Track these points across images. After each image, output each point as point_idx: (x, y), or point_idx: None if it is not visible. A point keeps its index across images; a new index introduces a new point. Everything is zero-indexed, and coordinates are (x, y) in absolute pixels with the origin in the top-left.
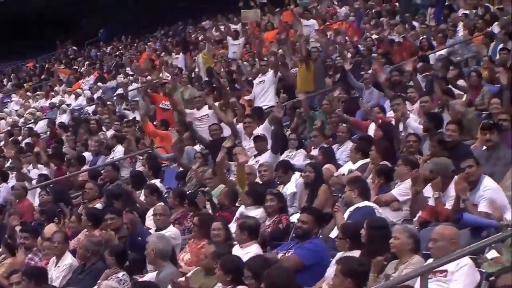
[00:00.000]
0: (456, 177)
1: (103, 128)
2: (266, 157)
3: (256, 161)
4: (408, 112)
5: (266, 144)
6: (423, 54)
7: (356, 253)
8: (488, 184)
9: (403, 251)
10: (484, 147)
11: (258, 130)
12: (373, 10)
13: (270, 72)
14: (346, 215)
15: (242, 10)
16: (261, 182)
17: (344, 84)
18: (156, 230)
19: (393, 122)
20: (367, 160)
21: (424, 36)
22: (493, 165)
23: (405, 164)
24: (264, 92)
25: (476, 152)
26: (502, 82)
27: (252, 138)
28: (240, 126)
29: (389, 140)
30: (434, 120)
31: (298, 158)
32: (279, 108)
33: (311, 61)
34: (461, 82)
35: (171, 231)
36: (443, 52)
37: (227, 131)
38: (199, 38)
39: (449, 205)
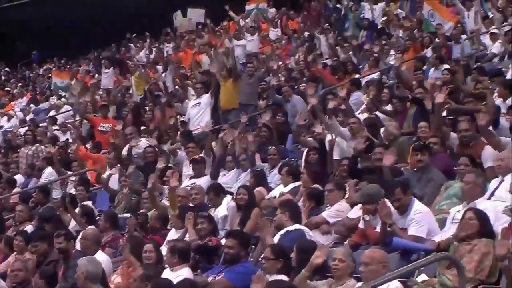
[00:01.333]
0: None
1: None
2: (203, 181)
3: (192, 184)
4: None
5: (204, 167)
6: (354, 78)
7: (284, 277)
8: (418, 208)
9: (344, 274)
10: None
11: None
12: (306, 34)
13: (206, 95)
14: (276, 238)
15: (176, 19)
16: (192, 205)
17: (277, 107)
18: (85, 254)
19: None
20: (299, 183)
21: (350, 61)
22: (423, 186)
23: (336, 188)
24: (200, 115)
25: (407, 174)
26: (427, 106)
27: (190, 160)
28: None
29: (323, 163)
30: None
31: (231, 178)
32: (229, 133)
33: (234, 78)
34: (389, 107)
35: (100, 256)
36: (375, 75)
37: None
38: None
39: (379, 228)
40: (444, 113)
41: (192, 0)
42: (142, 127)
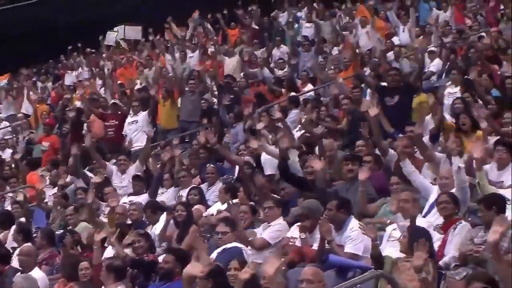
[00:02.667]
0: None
1: None
2: (142, 199)
3: (130, 201)
4: None
5: (144, 185)
6: (293, 96)
7: None
8: (354, 226)
9: None
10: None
11: (131, 170)
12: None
13: (143, 113)
14: (214, 255)
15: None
16: (130, 222)
17: (215, 126)
18: (21, 272)
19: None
20: (236, 200)
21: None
22: (353, 196)
23: (276, 206)
24: (137, 133)
25: (339, 185)
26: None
27: (132, 176)
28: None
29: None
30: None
31: (169, 196)
32: (167, 151)
33: (172, 97)
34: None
35: (37, 274)
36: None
37: None
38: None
39: (316, 245)
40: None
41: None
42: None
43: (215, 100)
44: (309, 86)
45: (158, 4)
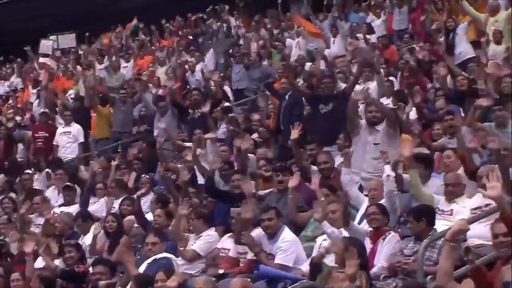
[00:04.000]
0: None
1: None
2: (74, 209)
3: (61, 211)
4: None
5: (75, 195)
6: (226, 106)
7: None
8: (286, 236)
9: None
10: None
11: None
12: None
13: (77, 124)
14: (143, 266)
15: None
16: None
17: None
18: None
19: None
20: None
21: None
22: (282, 207)
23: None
24: (70, 144)
25: (271, 196)
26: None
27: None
28: None
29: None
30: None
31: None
32: (96, 163)
33: (104, 107)
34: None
35: None
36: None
37: None
38: None
39: (249, 255)
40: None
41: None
42: None
43: None
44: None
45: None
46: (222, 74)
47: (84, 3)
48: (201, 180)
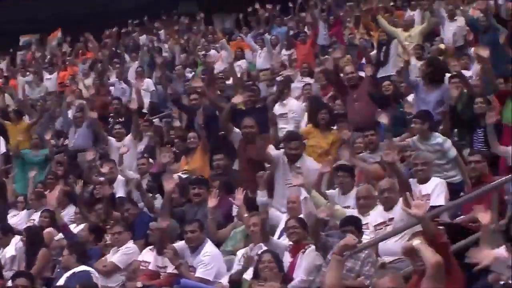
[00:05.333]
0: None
1: None
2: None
3: None
4: None
5: None
6: (149, 118)
7: None
8: (208, 250)
9: None
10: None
11: None
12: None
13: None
14: (63, 280)
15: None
16: None
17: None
18: None
19: None
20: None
21: None
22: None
23: (125, 230)
24: None
25: (188, 209)
26: None
27: None
28: None
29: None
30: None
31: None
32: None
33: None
34: None
35: None
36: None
37: None
38: None
39: (170, 268)
40: None
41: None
42: None
43: None
44: None
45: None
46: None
47: None
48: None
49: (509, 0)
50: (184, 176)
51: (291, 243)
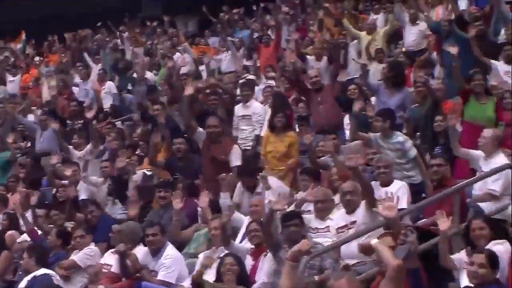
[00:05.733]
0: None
1: None
2: None
3: None
4: None
5: None
6: (111, 121)
7: None
8: (169, 253)
9: None
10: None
11: None
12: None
13: None
14: (23, 284)
15: None
16: None
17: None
18: None
19: None
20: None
21: None
22: (166, 223)
23: (87, 233)
24: None
25: (153, 212)
26: None
27: None
28: None
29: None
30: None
31: None
32: None
33: None
34: None
35: None
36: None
37: None
38: None
39: None
40: None
41: None
42: None
43: None
44: None
45: None
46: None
47: None
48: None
49: (472, 4)
50: (148, 173)
51: (252, 246)
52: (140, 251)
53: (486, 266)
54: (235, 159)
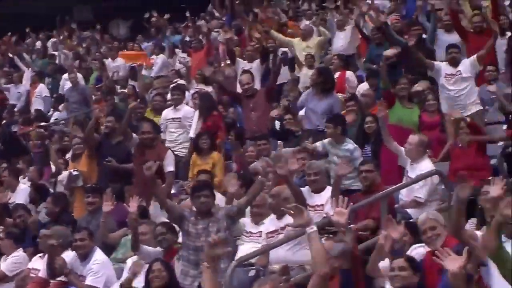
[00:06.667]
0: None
1: None
2: None
3: None
4: None
5: None
6: (41, 125)
7: None
8: (97, 258)
9: None
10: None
11: None
12: None
13: None
14: None
15: None
16: None
17: None
18: None
19: None
20: None
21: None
22: (94, 229)
23: (7, 237)
24: None
25: (81, 218)
26: None
27: None
28: None
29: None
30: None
31: None
32: None
33: None
34: None
35: None
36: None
37: None
38: None
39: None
40: None
41: None
42: None
43: None
44: None
45: None
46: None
47: None
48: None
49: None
50: (75, 173)
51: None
52: (69, 256)
53: (406, 268)
54: (169, 165)
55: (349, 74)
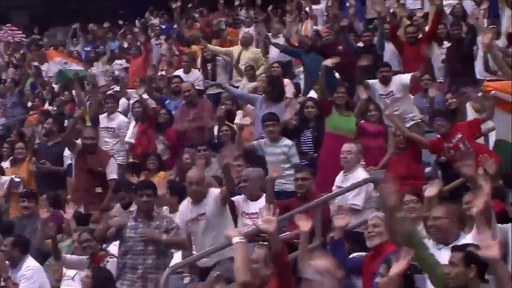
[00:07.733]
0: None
1: None
2: None
3: None
4: None
5: None
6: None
7: None
8: (30, 264)
9: None
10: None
11: None
12: None
13: None
14: None
15: None
16: None
17: None
18: None
19: None
20: None
21: None
22: (30, 234)
23: None
24: None
25: (16, 223)
26: None
27: None
28: None
29: None
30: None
31: None
32: None
33: None
34: None
35: None
36: None
37: None
38: None
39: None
40: None
41: None
42: None
43: None
44: None
45: None
46: None
47: None
48: None
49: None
50: (17, 179)
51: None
52: None
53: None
54: (112, 172)
55: (286, 81)
